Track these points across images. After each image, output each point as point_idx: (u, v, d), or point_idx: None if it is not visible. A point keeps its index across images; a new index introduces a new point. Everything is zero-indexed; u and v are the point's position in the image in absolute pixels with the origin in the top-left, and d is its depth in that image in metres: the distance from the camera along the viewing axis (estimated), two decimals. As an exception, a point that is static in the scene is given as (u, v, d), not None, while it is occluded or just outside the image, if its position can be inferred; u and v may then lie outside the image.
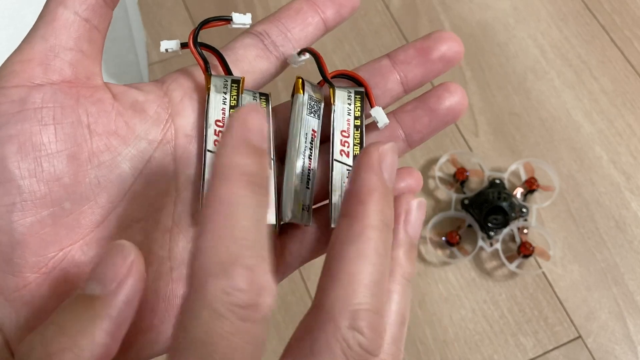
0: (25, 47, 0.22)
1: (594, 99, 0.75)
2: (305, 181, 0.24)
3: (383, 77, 0.26)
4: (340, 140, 0.24)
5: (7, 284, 0.21)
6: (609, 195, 0.69)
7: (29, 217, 0.21)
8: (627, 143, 0.72)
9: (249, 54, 0.26)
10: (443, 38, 0.26)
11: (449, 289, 0.65)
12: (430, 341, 0.63)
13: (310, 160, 0.25)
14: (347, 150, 0.24)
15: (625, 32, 0.79)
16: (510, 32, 0.79)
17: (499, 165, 0.71)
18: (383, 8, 0.81)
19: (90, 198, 0.22)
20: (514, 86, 0.75)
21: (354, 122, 0.25)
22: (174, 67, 0.76)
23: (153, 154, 0.23)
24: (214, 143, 0.24)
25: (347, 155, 0.24)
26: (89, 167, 0.22)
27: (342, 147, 0.24)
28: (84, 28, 0.22)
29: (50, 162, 0.21)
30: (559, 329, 0.63)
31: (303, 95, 0.25)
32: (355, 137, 0.25)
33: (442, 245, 0.67)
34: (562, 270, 0.66)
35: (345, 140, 0.25)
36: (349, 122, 0.25)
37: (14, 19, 0.38)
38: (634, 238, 0.67)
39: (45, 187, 0.21)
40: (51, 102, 0.22)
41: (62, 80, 0.22)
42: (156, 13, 0.80)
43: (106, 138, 0.23)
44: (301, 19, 0.26)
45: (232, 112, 0.24)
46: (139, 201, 0.23)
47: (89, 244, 0.22)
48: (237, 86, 0.25)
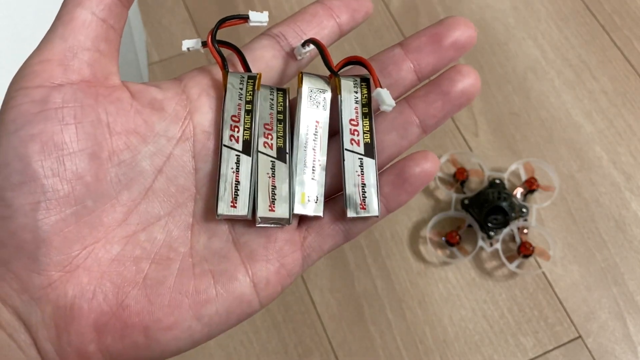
0: (45, 48, 0.22)
1: (594, 99, 0.75)
2: (311, 172, 0.24)
3: (396, 66, 0.26)
4: (349, 129, 0.24)
5: (33, 282, 0.21)
6: (609, 195, 0.69)
7: (53, 215, 0.21)
8: (627, 143, 0.72)
9: (266, 54, 0.26)
10: (456, 23, 0.25)
11: (449, 289, 0.65)
12: (430, 341, 0.63)
13: (315, 152, 0.25)
14: (357, 139, 0.24)
15: (625, 32, 0.79)
16: (510, 32, 0.79)
17: (499, 165, 0.71)
18: (383, 8, 0.81)
19: (111, 196, 0.23)
20: (514, 86, 0.75)
21: (362, 110, 0.25)
22: (174, 67, 0.75)
23: (172, 151, 0.24)
24: (230, 138, 0.24)
25: (357, 144, 0.24)
26: (110, 166, 0.23)
27: (352, 136, 0.24)
28: (101, 28, 0.23)
29: (73, 161, 0.22)
30: (559, 329, 0.63)
31: (302, 88, 0.25)
32: (364, 125, 0.25)
33: (442, 245, 0.67)
34: (562, 270, 0.66)
35: (355, 129, 0.25)
36: (357, 110, 0.25)
37: (14, 19, 0.38)
38: (634, 238, 0.67)
39: (68, 185, 0.21)
40: (71, 102, 0.22)
41: (82, 79, 0.22)
42: (156, 12, 0.80)
43: (126, 136, 0.23)
44: (317, 23, 0.27)
45: (247, 107, 0.25)
46: (159, 198, 0.23)
47: (111, 242, 0.23)
48: (253, 82, 0.25)
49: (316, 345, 0.62)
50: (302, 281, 0.65)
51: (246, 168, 0.24)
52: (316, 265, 0.66)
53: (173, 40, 0.78)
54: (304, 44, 0.26)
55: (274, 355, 0.62)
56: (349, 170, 0.24)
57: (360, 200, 0.24)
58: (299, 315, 0.64)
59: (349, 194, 0.24)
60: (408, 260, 0.66)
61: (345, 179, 0.24)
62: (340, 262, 0.66)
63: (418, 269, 0.66)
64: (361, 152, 0.24)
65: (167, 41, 0.78)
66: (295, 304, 0.64)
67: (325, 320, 0.63)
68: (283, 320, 0.63)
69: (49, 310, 0.21)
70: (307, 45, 0.26)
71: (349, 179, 0.24)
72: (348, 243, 0.68)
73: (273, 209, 0.24)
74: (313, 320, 0.63)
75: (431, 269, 0.66)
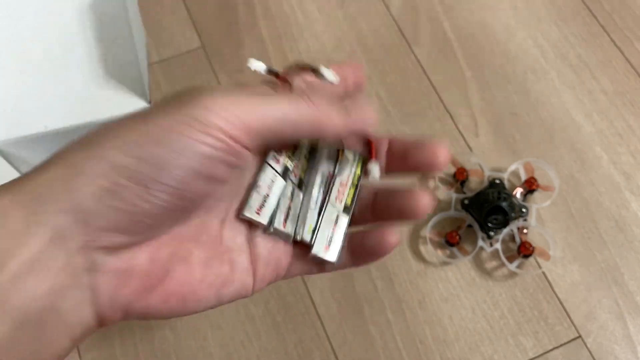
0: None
1: (594, 99, 0.75)
2: (319, 209, 0.29)
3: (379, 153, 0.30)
4: (338, 189, 0.30)
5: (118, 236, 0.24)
6: (609, 195, 0.69)
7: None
8: (627, 143, 0.72)
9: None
10: (434, 153, 0.28)
11: (449, 289, 0.65)
12: (430, 341, 0.63)
13: (321, 194, 0.30)
14: (341, 199, 0.30)
15: (625, 32, 0.79)
16: (511, 32, 0.79)
17: (498, 165, 0.71)
18: (383, 8, 0.81)
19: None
20: (514, 86, 0.75)
21: (352, 180, 0.30)
22: (173, 67, 0.76)
23: (213, 153, 0.25)
24: (273, 158, 0.28)
25: (340, 203, 0.29)
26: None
27: (337, 195, 0.30)
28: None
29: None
30: (559, 329, 0.63)
31: (323, 148, 0.30)
32: (349, 193, 0.30)
33: (442, 245, 0.67)
34: (562, 270, 0.66)
35: (342, 190, 0.30)
36: (349, 178, 0.30)
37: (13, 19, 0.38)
38: (634, 238, 0.67)
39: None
40: None
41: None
42: (156, 13, 0.80)
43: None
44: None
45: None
46: (199, 195, 0.25)
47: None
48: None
49: (316, 346, 0.62)
50: (302, 282, 0.65)
51: (278, 188, 0.28)
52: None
53: (173, 41, 0.78)
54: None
55: (274, 355, 0.62)
56: (326, 220, 0.29)
57: (326, 244, 0.29)
58: (299, 315, 0.64)
59: (319, 237, 0.29)
60: (408, 261, 0.66)
61: (320, 224, 0.29)
62: (340, 262, 0.66)
63: (418, 269, 0.66)
64: (340, 209, 0.29)
65: (167, 41, 0.78)
66: (296, 305, 0.64)
67: (326, 321, 0.63)
68: (283, 320, 0.63)
69: (118, 263, 0.24)
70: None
71: (324, 226, 0.29)
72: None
73: (285, 225, 0.29)
74: (313, 320, 0.63)
75: (431, 269, 0.66)
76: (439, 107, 0.74)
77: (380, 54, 0.77)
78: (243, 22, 0.79)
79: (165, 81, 0.74)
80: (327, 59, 0.76)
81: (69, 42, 0.55)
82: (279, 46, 0.77)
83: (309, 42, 0.78)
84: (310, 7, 0.80)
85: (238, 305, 0.64)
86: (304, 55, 0.77)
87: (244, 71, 0.75)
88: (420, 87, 0.75)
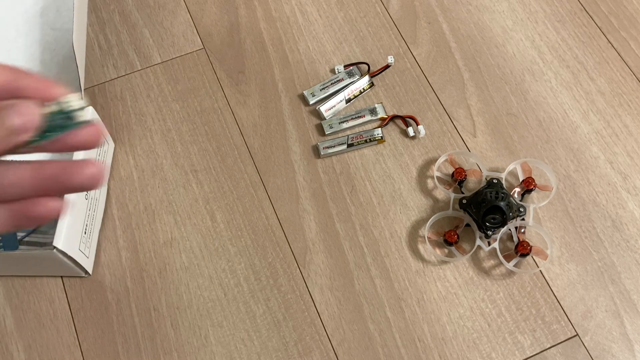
0: None
1: (591, 100, 0.75)
2: None
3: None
4: None
5: None
6: (605, 195, 0.70)
7: None
8: (624, 143, 0.73)
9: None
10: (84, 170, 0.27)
11: (447, 288, 0.65)
12: (429, 339, 0.63)
13: None
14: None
15: (622, 34, 0.79)
16: (508, 34, 0.80)
17: (496, 165, 0.71)
18: (382, 10, 0.81)
19: None
20: (512, 87, 0.76)
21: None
22: (174, 68, 0.76)
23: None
24: None
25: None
26: None
27: None
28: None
29: None
30: (556, 327, 0.64)
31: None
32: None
33: (440, 245, 0.67)
34: (559, 269, 0.66)
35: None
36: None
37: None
38: (631, 237, 0.68)
39: None
40: None
41: None
42: (157, 14, 0.81)
43: None
44: None
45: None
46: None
47: None
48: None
49: (316, 344, 0.63)
50: (302, 280, 0.65)
51: None
52: (316, 264, 0.66)
53: (174, 42, 0.79)
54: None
55: (274, 353, 0.62)
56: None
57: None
58: (299, 313, 0.64)
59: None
60: (407, 259, 0.67)
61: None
62: (340, 261, 0.67)
63: (417, 268, 0.66)
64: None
65: (168, 43, 0.79)
66: (295, 303, 0.65)
67: (325, 319, 0.64)
68: (283, 318, 0.64)
69: None
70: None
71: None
72: (348, 242, 0.68)
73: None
74: (313, 318, 0.64)
75: (429, 267, 0.66)
76: (437, 108, 0.75)
77: (379, 55, 0.78)
78: (244, 24, 0.79)
79: (167, 82, 0.75)
80: (327, 60, 0.77)
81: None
82: (280, 47, 0.78)
83: (309, 43, 0.78)
84: (310, 8, 0.81)
85: (239, 303, 0.65)
86: (304, 56, 0.77)
87: (245, 72, 0.76)
88: (419, 87, 0.76)
